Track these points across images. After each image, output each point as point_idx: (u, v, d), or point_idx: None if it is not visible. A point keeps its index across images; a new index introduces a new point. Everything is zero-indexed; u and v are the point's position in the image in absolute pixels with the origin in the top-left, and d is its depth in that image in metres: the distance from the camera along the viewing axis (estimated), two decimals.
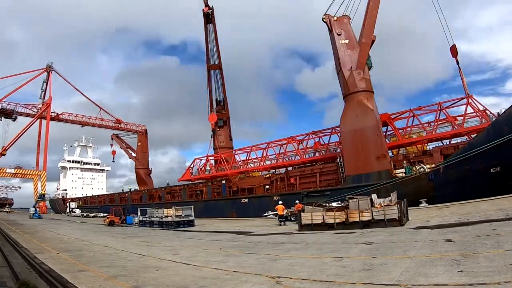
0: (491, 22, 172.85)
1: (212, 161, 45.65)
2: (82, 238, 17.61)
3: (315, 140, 34.82)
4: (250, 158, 41.75)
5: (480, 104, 26.83)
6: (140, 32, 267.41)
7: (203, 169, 45.88)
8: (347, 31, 26.98)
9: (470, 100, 26.70)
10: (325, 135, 34.52)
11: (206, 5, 47.26)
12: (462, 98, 27.40)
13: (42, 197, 64.25)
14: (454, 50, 28.16)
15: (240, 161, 42.75)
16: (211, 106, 48.20)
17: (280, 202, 21.37)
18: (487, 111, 25.88)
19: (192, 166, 47.94)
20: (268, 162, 38.48)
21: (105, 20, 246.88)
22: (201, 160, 47.02)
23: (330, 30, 27.20)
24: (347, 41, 26.58)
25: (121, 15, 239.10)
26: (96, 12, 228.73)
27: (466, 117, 26.37)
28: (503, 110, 24.93)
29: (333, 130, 32.91)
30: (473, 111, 26.42)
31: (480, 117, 25.70)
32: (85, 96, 72.57)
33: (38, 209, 55.26)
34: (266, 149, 39.14)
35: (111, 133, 73.95)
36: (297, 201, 22.31)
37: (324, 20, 27.26)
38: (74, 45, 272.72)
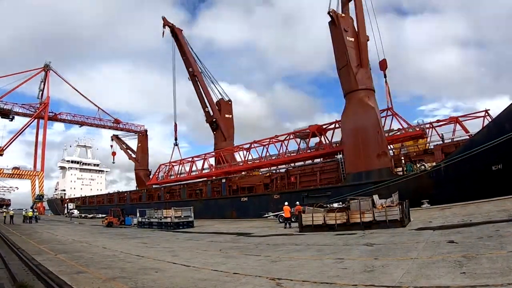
0: None
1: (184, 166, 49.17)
2: (80, 240, 17.50)
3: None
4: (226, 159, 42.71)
5: (399, 116, 30.92)
6: None
7: (167, 174, 50.69)
8: (352, 30, 27.13)
9: (391, 112, 30.58)
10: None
11: (166, 25, 49.76)
12: (385, 110, 30.62)
13: (40, 197, 63.94)
14: (383, 64, 30.22)
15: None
16: (208, 114, 49.60)
17: (286, 203, 20.43)
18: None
19: (158, 171, 53.31)
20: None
21: None
22: (166, 166, 52.02)
23: (335, 25, 27.08)
24: (352, 39, 26.83)
25: None
26: None
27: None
28: (423, 121, 30.32)
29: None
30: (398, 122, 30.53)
31: (402, 127, 30.28)
32: (83, 96, 72.43)
33: (36, 210, 55.09)
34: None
35: (110, 134, 73.79)
36: (297, 203, 22.07)
37: (331, 14, 27.08)
38: None
